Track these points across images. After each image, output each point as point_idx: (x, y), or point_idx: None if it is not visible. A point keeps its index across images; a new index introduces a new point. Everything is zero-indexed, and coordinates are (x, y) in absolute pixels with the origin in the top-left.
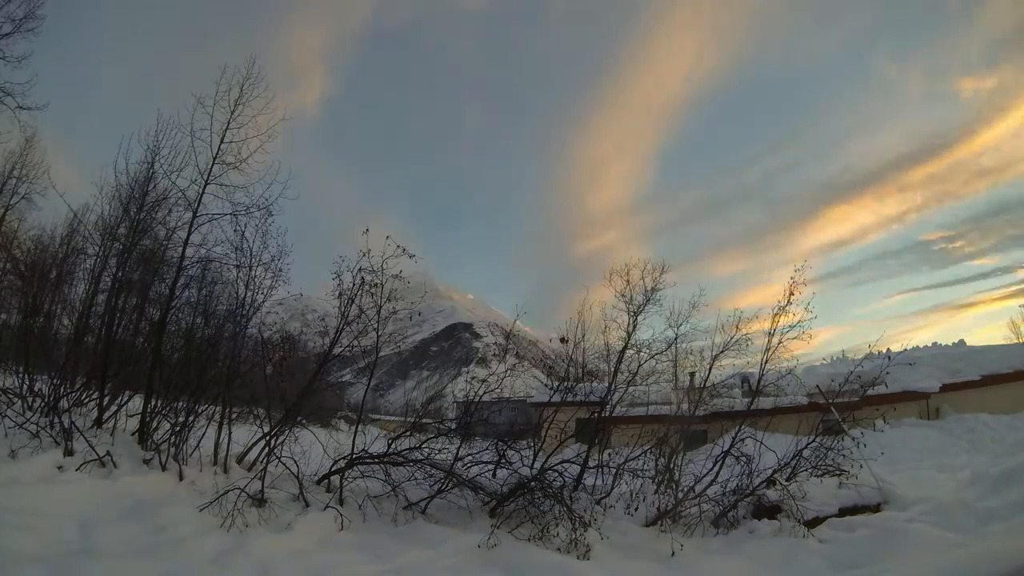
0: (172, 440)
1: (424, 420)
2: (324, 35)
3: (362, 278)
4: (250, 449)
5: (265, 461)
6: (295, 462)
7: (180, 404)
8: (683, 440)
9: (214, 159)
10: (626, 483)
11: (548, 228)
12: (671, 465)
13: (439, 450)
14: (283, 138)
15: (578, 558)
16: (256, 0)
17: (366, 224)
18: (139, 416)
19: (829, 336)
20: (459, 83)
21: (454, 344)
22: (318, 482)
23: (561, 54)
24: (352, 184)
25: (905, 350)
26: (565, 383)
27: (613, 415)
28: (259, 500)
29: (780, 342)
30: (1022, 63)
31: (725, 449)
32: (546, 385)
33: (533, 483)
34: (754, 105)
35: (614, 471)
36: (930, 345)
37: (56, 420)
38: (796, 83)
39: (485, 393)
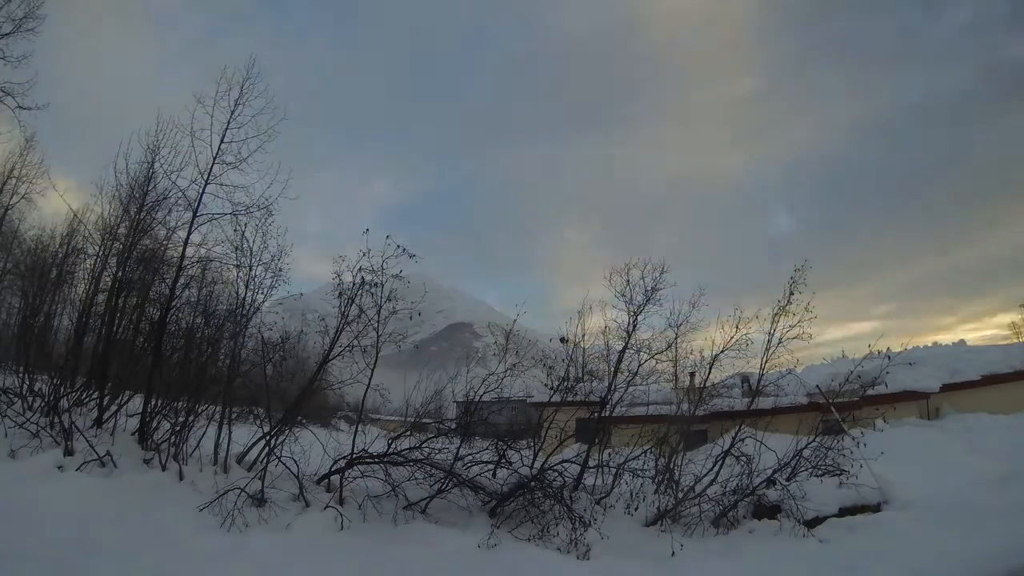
0: (172, 440)
1: (424, 420)
2: None
3: (362, 278)
4: (250, 449)
5: (265, 461)
6: (295, 462)
7: (180, 404)
8: (683, 440)
9: (214, 159)
10: (626, 483)
11: None
12: (671, 465)
13: (439, 450)
14: None
15: (578, 558)
16: None
17: None
18: (139, 416)
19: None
20: None
21: (454, 344)
22: (318, 482)
23: None
24: None
25: (905, 350)
26: (565, 383)
27: (613, 415)
28: (259, 500)
29: (780, 342)
30: None
31: (725, 449)
32: (546, 385)
33: (533, 483)
34: None
35: (614, 471)
36: (930, 345)
37: (56, 420)
38: None
39: (485, 393)
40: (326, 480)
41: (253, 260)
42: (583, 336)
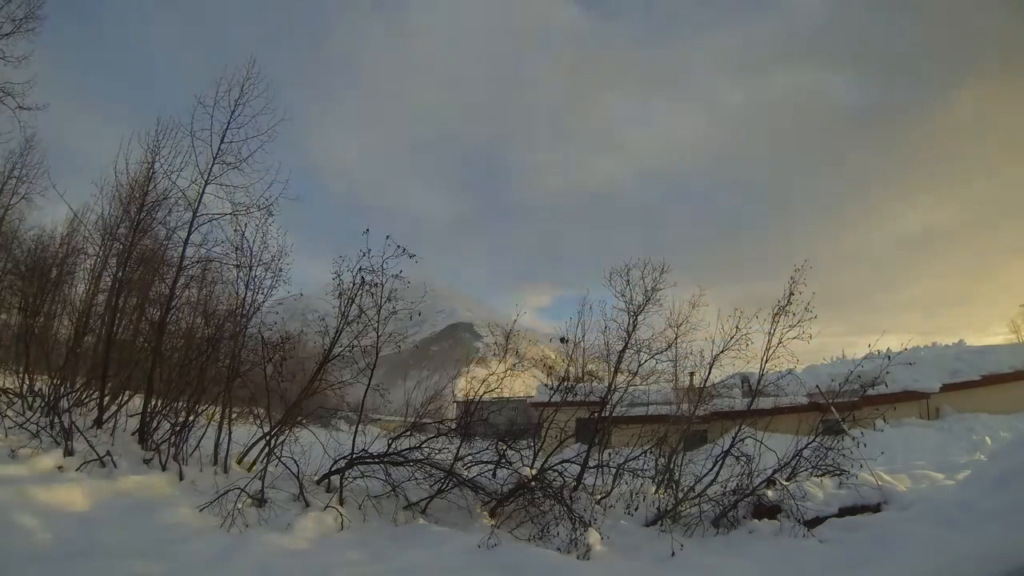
0: (172, 440)
1: (424, 420)
2: None
3: (362, 278)
4: (250, 449)
5: (265, 461)
6: (295, 462)
7: (180, 404)
8: (683, 440)
9: (214, 159)
10: (626, 483)
11: None
12: (671, 465)
13: (439, 450)
14: None
15: (578, 558)
16: None
17: None
18: (139, 416)
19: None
20: None
21: (454, 344)
22: (318, 482)
23: None
24: None
25: (905, 350)
26: (565, 383)
27: (613, 415)
28: (259, 500)
29: (780, 342)
30: None
31: (725, 449)
32: (546, 385)
33: (533, 483)
34: None
35: (614, 471)
36: (930, 345)
37: (56, 420)
38: None
39: (485, 393)
40: (326, 480)
41: (253, 260)
42: (583, 336)
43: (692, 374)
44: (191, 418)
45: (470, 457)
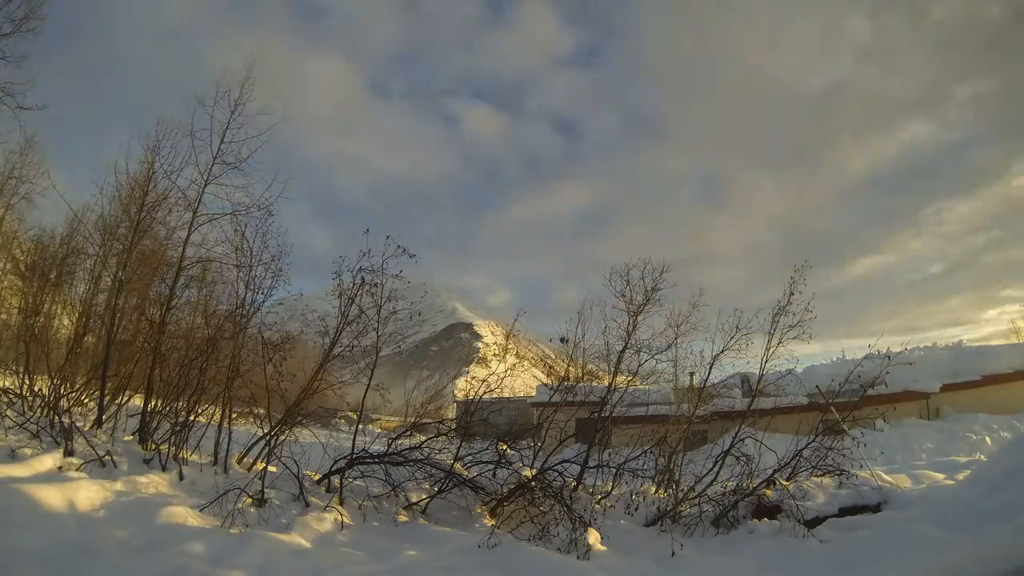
0: (172, 440)
1: (424, 420)
2: None
3: (362, 278)
4: (250, 449)
5: (265, 461)
6: (295, 462)
7: (180, 404)
8: (683, 440)
9: (214, 159)
10: (626, 483)
11: None
12: (671, 465)
13: (439, 450)
14: None
15: (578, 558)
16: None
17: None
18: (139, 416)
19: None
20: None
21: (454, 344)
22: (318, 482)
23: None
24: None
25: (905, 350)
26: (565, 383)
27: (613, 415)
28: (259, 500)
29: (780, 342)
30: None
31: (725, 449)
32: (546, 385)
33: (533, 483)
34: None
35: (614, 471)
36: (930, 345)
37: (56, 420)
38: None
39: (485, 393)
40: (326, 480)
41: (253, 260)
42: (583, 336)
43: (692, 374)
44: (191, 418)
45: (470, 457)
